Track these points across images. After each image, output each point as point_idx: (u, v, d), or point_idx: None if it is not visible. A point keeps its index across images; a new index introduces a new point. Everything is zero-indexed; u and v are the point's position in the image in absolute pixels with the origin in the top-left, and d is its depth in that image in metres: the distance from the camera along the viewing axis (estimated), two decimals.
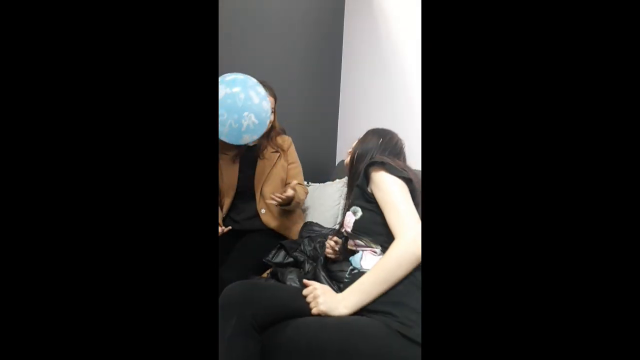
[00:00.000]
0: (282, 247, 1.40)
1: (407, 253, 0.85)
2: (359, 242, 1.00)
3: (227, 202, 1.53)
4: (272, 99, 1.52)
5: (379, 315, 0.81)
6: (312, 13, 2.11)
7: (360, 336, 0.77)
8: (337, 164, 2.17)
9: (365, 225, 0.98)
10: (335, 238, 1.20)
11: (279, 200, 1.41)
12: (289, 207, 1.51)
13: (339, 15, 2.23)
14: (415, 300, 0.81)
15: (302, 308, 0.86)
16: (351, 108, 2.23)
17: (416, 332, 0.76)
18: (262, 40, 1.91)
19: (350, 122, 2.24)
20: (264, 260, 1.37)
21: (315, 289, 0.87)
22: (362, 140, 1.13)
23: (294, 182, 1.48)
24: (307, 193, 1.66)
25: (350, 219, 1.01)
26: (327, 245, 1.19)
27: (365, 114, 2.13)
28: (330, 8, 2.19)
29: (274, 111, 1.56)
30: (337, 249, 1.18)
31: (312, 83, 2.16)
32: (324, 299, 0.84)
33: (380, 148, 1.08)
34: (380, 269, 0.86)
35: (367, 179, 0.99)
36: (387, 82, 1.99)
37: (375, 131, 1.15)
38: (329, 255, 1.18)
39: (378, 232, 0.95)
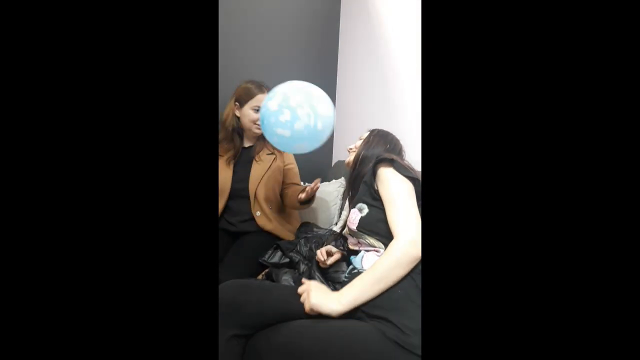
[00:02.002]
0: (278, 247, 1.41)
1: (405, 254, 0.83)
2: (362, 240, 0.98)
3: (221, 204, 1.52)
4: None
5: (375, 321, 0.79)
6: (309, 14, 2.11)
7: (355, 343, 0.76)
8: (333, 164, 2.18)
9: (371, 223, 0.96)
10: (328, 248, 1.19)
11: (308, 194, 1.42)
12: (306, 205, 1.51)
13: (335, 17, 2.24)
14: (414, 306, 0.79)
15: (293, 311, 0.85)
16: (347, 109, 2.24)
17: (413, 342, 0.74)
18: (259, 41, 1.91)
19: (346, 123, 2.24)
20: (260, 260, 1.37)
21: (308, 285, 0.86)
22: (367, 143, 1.12)
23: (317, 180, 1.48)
24: None
25: (355, 216, 0.99)
26: (318, 254, 1.19)
27: (361, 115, 2.13)
28: (326, 9, 2.19)
29: None
30: (326, 260, 1.17)
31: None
32: (316, 294, 0.83)
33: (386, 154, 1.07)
34: (378, 267, 0.84)
35: (374, 175, 0.97)
36: (383, 83, 2.00)
37: (380, 135, 1.14)
38: (321, 265, 1.18)
39: (383, 230, 0.93)
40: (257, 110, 1.49)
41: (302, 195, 1.44)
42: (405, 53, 1.87)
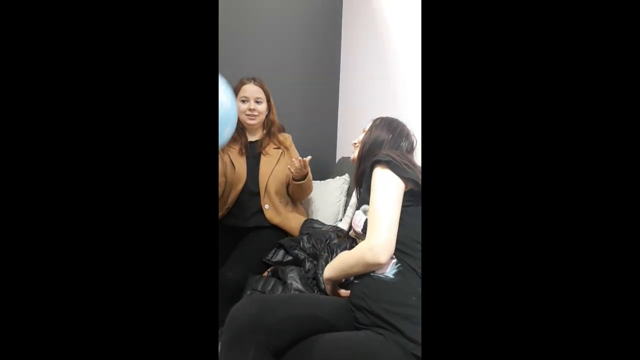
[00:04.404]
0: (281, 246, 1.40)
1: (362, 258, 0.88)
2: None
3: (232, 197, 1.52)
4: (258, 88, 1.53)
5: (391, 333, 0.79)
6: (311, 12, 2.10)
7: (374, 356, 0.76)
8: (337, 161, 2.17)
9: None
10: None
11: (299, 166, 1.42)
12: (304, 183, 1.50)
13: (338, 14, 2.22)
14: None
15: (315, 325, 0.85)
16: (350, 105, 2.23)
17: None
18: (261, 39, 1.90)
19: (349, 120, 2.23)
20: (263, 260, 1.37)
21: None
22: (370, 133, 1.08)
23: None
24: (312, 188, 1.67)
25: (360, 218, 0.98)
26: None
27: (364, 111, 2.12)
28: (328, 6, 2.18)
29: (269, 102, 1.56)
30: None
31: (311, 81, 2.15)
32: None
33: (391, 144, 1.04)
34: (342, 260, 0.96)
35: (371, 175, 0.96)
36: (385, 79, 1.98)
37: (383, 122, 1.09)
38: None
39: None
40: (243, 100, 1.52)
41: (293, 171, 1.45)
42: (409, 49, 1.86)
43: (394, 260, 0.89)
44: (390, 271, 0.88)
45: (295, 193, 1.57)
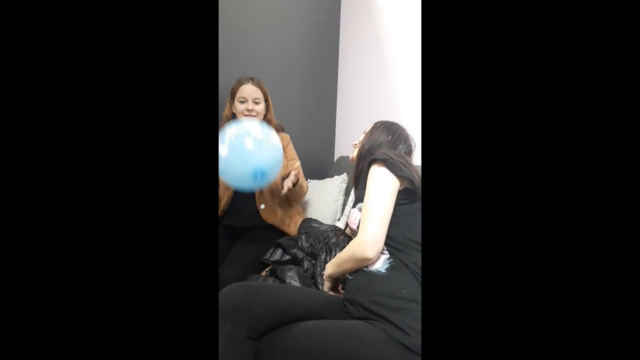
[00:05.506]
0: (279, 245, 1.40)
1: (352, 253, 0.91)
2: None
3: (226, 197, 1.53)
4: (256, 89, 1.52)
5: (380, 323, 0.80)
6: (310, 10, 2.10)
7: (360, 344, 0.77)
8: (335, 160, 2.17)
9: None
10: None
11: (291, 180, 1.40)
12: (294, 189, 1.49)
13: (336, 13, 2.23)
14: (418, 306, 0.79)
15: (301, 311, 0.86)
16: (349, 104, 2.23)
17: (417, 343, 0.74)
18: (260, 38, 1.90)
19: (348, 119, 2.24)
20: (262, 259, 1.37)
21: None
22: (370, 135, 1.10)
23: (297, 163, 1.46)
24: (307, 189, 1.67)
25: (355, 216, 0.99)
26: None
27: (362, 111, 2.13)
28: (326, 6, 2.18)
29: (267, 102, 1.56)
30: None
31: (309, 80, 2.15)
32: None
33: (389, 146, 1.05)
34: (337, 256, 0.99)
35: (368, 173, 0.97)
36: (384, 78, 1.99)
37: (383, 125, 1.11)
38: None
39: None
40: (242, 101, 1.51)
41: (285, 189, 1.40)
42: (407, 48, 1.86)
43: (387, 256, 0.90)
44: (382, 266, 0.89)
45: (289, 196, 1.57)
